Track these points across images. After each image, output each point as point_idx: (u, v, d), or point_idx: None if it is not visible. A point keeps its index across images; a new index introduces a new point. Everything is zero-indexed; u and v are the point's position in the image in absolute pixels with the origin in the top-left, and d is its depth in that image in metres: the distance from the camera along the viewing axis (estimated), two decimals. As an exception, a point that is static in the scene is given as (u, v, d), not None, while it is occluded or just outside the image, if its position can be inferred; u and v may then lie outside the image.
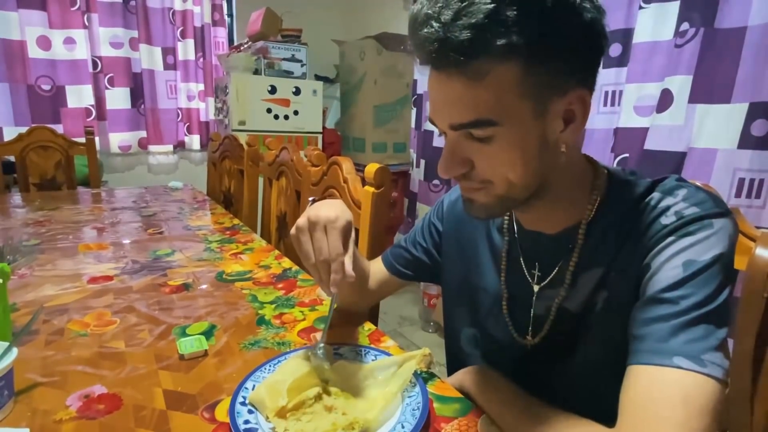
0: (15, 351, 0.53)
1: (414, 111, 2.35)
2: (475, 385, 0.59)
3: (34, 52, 2.51)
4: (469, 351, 0.68)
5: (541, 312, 0.59)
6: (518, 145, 0.46)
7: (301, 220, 0.58)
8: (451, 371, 0.75)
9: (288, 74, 2.72)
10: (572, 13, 0.42)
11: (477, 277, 0.66)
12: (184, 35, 2.91)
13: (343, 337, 0.70)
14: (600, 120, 1.47)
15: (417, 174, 2.32)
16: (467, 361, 0.68)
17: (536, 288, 0.59)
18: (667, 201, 0.50)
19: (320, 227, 0.57)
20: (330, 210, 0.57)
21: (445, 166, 0.49)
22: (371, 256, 0.94)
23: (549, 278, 0.57)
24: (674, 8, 1.23)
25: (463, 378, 0.61)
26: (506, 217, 0.62)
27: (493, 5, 0.40)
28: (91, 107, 2.69)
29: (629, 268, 0.50)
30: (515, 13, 0.40)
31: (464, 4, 0.40)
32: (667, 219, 0.48)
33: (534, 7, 0.40)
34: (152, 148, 2.97)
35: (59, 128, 2.53)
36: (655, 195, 0.51)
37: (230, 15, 3.24)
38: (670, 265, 0.46)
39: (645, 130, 1.30)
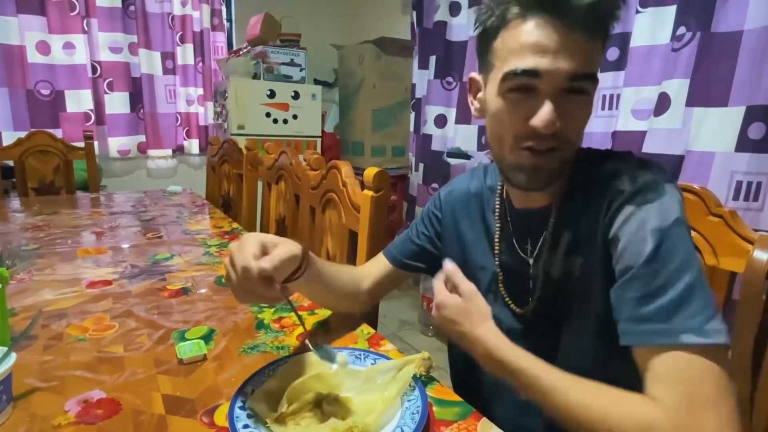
0: (14, 356, 0.53)
1: (413, 115, 2.35)
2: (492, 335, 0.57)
3: (33, 57, 2.52)
4: None
5: (535, 281, 0.63)
6: (590, 107, 0.55)
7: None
8: (455, 365, 0.78)
9: (287, 78, 2.73)
10: None
11: (475, 258, 0.70)
12: (183, 40, 2.92)
13: (343, 341, 0.70)
14: (598, 123, 1.48)
15: (416, 178, 2.32)
16: None
17: (531, 261, 0.63)
18: (618, 166, 0.54)
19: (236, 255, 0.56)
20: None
21: (552, 116, 0.50)
22: (369, 259, 0.94)
23: (537, 248, 0.62)
24: (671, 12, 1.24)
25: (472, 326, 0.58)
26: (497, 200, 0.67)
27: None
28: (90, 112, 2.70)
29: (595, 236, 0.54)
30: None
31: None
32: (622, 183, 0.52)
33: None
34: (151, 152, 2.97)
35: (58, 133, 2.53)
36: (608, 163, 0.56)
37: (229, 20, 3.25)
38: (639, 236, 0.49)
39: (643, 133, 1.31)
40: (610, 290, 0.51)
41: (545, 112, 0.50)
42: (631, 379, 0.47)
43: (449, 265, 0.61)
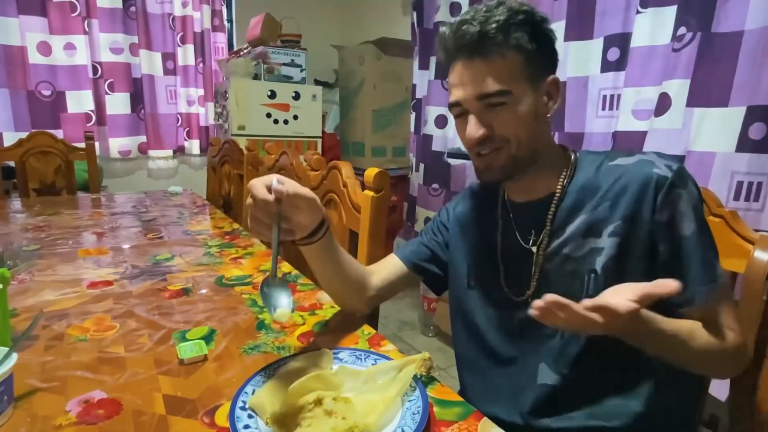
0: (15, 356, 0.53)
1: (413, 115, 2.35)
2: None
3: (34, 57, 2.52)
4: (485, 328, 0.75)
5: (539, 267, 0.69)
6: (523, 110, 0.64)
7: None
8: (462, 364, 0.81)
9: (287, 79, 2.73)
10: (545, 29, 0.65)
11: (481, 258, 0.76)
12: (183, 41, 2.92)
13: (343, 341, 0.70)
14: (598, 124, 1.48)
15: (416, 178, 2.32)
16: (486, 342, 0.75)
17: (534, 249, 0.69)
18: (649, 156, 0.64)
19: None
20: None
21: (474, 129, 0.64)
22: (371, 260, 0.94)
23: (541, 236, 0.69)
24: (671, 13, 1.24)
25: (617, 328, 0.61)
26: (498, 198, 0.75)
27: (508, 14, 0.62)
28: (91, 112, 2.70)
29: (638, 215, 0.62)
30: (523, 17, 0.62)
31: (488, 14, 0.62)
32: (661, 170, 0.61)
33: (528, 19, 0.63)
34: (152, 153, 2.97)
35: (59, 133, 2.54)
36: (632, 154, 0.66)
37: (230, 20, 3.25)
38: (687, 216, 0.60)
39: (643, 133, 1.31)
40: (647, 260, 0.62)
41: (468, 127, 0.65)
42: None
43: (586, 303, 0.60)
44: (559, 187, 0.68)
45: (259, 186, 0.59)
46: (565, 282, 0.66)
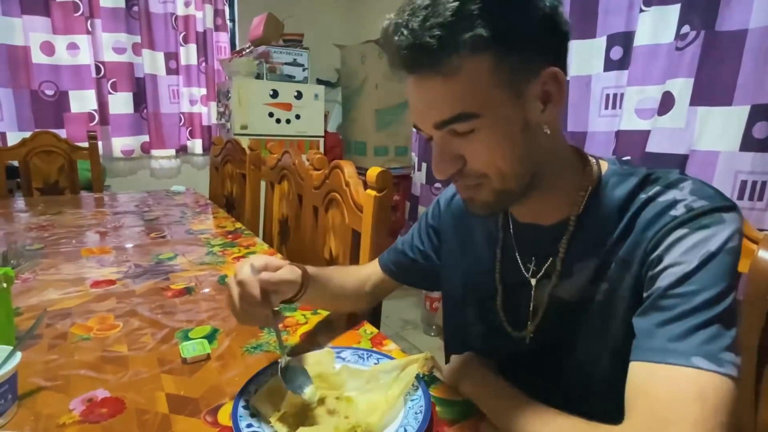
0: (18, 355, 0.53)
1: (415, 114, 2.35)
2: (470, 381, 0.58)
3: (37, 57, 2.53)
4: (477, 348, 0.67)
5: (537, 304, 0.59)
6: (502, 132, 0.47)
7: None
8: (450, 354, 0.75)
9: (290, 78, 2.73)
10: (530, 4, 0.45)
11: (477, 273, 0.66)
12: (186, 40, 2.92)
13: (346, 341, 0.70)
14: (601, 123, 1.47)
15: (418, 177, 2.32)
16: None
17: (533, 281, 0.59)
18: (674, 194, 0.49)
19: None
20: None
21: (438, 166, 0.50)
22: (372, 259, 0.94)
23: (544, 269, 0.57)
24: (675, 11, 1.23)
25: (458, 371, 0.61)
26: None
27: (457, 2, 0.42)
28: (94, 112, 2.71)
29: (632, 260, 0.50)
30: (479, 6, 0.42)
31: (429, 8, 0.43)
32: (677, 211, 0.48)
33: (495, 1, 0.43)
34: (155, 152, 2.98)
35: (62, 133, 2.54)
36: (658, 187, 0.51)
37: (232, 20, 3.25)
38: (686, 258, 0.45)
39: (646, 132, 1.30)
40: (634, 312, 0.48)
41: (433, 161, 0.51)
42: None
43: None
44: (573, 217, 0.54)
45: (252, 284, 0.56)
46: (568, 328, 0.56)
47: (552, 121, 0.50)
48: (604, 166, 0.56)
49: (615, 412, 0.44)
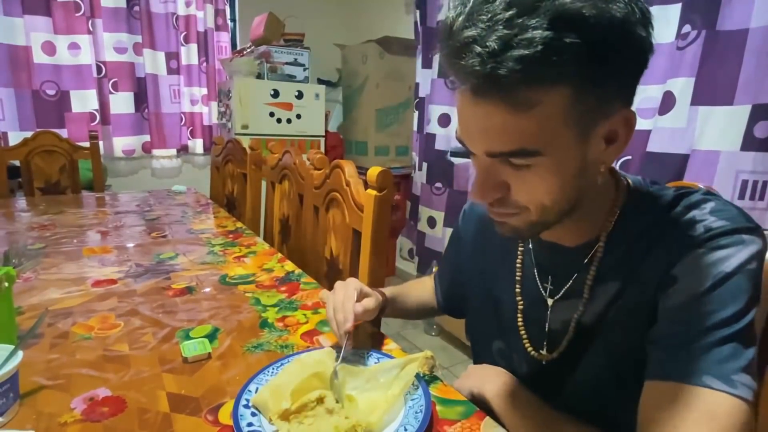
0: (20, 354, 0.53)
1: (416, 114, 2.35)
2: (498, 395, 0.60)
3: (39, 57, 2.53)
4: (500, 364, 0.66)
5: (556, 327, 0.57)
6: (558, 172, 0.43)
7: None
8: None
9: (290, 78, 2.73)
10: (627, 30, 0.39)
11: (497, 288, 0.65)
12: (187, 40, 2.93)
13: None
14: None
15: (419, 177, 2.32)
16: None
17: (550, 302, 0.57)
18: (694, 214, 0.47)
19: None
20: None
21: (481, 191, 0.46)
22: (373, 259, 0.95)
23: (563, 291, 0.56)
24: (676, 11, 1.23)
25: (481, 383, 0.62)
26: None
27: (551, 32, 0.35)
28: (95, 112, 2.71)
29: (649, 281, 0.48)
30: (575, 40, 0.36)
31: (514, 29, 0.36)
32: (695, 232, 0.46)
33: (597, 34, 0.36)
34: (156, 152, 2.98)
35: (64, 133, 2.54)
36: (680, 209, 0.49)
37: (233, 20, 3.25)
38: (699, 277, 0.44)
39: (647, 132, 1.30)
40: (647, 330, 0.48)
41: (474, 183, 0.47)
42: None
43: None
44: (602, 243, 0.52)
45: (348, 308, 0.64)
46: (585, 350, 0.55)
47: (610, 161, 0.46)
48: (632, 187, 0.53)
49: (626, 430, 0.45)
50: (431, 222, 2.26)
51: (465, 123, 0.45)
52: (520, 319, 0.61)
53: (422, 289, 0.85)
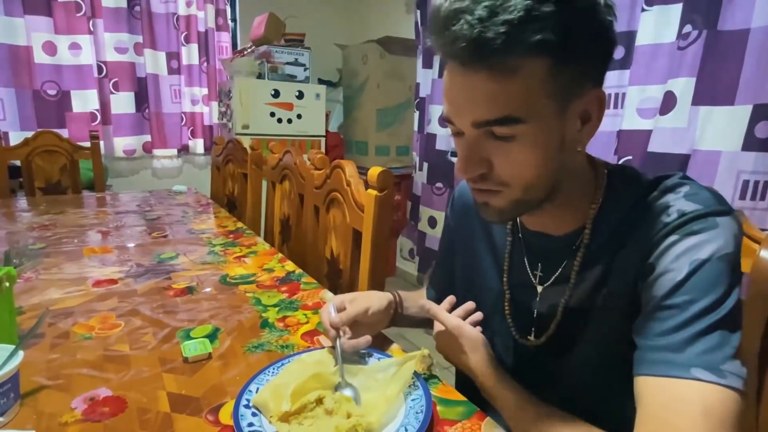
0: (21, 354, 0.53)
1: (417, 114, 2.35)
2: (487, 376, 0.58)
3: (39, 57, 2.53)
4: None
5: (543, 311, 0.59)
6: (540, 144, 0.46)
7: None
8: (460, 375, 0.75)
9: (291, 78, 2.73)
10: (595, 13, 0.43)
11: (480, 276, 0.66)
12: (188, 40, 2.93)
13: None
14: (603, 122, 1.47)
15: (420, 177, 2.32)
16: None
17: (540, 288, 0.59)
18: (668, 198, 0.49)
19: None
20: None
21: (465, 165, 0.48)
22: (374, 259, 0.95)
23: (553, 278, 0.57)
24: (677, 11, 1.23)
25: (475, 361, 0.60)
26: None
27: (530, 1, 0.39)
28: (96, 112, 2.71)
29: (629, 266, 0.50)
30: (552, 9, 0.40)
31: (499, 1, 0.40)
32: (669, 217, 0.47)
33: (568, 4, 0.41)
34: (156, 152, 2.98)
35: (64, 133, 2.55)
36: (657, 193, 0.50)
37: (234, 20, 3.26)
38: (676, 265, 0.45)
39: (648, 132, 1.30)
40: (632, 321, 0.48)
41: (458, 158, 0.49)
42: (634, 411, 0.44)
43: (430, 306, 0.64)
44: (587, 231, 0.53)
45: (325, 318, 0.65)
46: (571, 335, 0.56)
47: (585, 140, 0.50)
48: (612, 174, 0.55)
49: (612, 418, 0.46)
50: (432, 222, 2.26)
51: (452, 97, 0.47)
52: (507, 308, 0.63)
53: (423, 296, 0.84)
